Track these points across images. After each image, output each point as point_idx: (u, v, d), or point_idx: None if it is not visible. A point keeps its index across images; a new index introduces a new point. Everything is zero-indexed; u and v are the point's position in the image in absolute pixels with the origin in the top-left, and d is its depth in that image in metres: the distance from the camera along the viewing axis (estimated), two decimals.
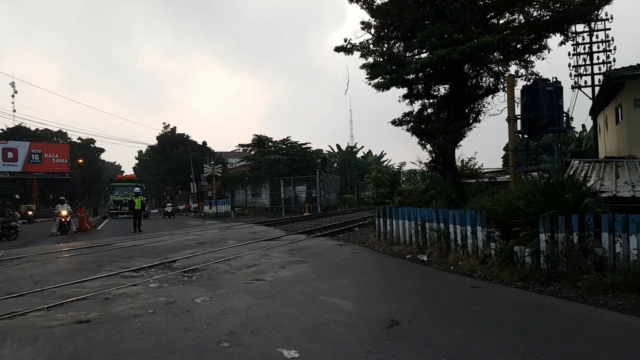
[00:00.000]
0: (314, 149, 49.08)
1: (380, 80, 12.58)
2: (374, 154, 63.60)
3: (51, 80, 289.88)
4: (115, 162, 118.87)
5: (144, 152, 75.02)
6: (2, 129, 53.17)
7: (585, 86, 20.39)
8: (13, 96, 51.95)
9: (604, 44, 20.01)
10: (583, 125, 38.69)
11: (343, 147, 63.15)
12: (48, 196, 47.80)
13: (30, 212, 32.97)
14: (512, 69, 13.25)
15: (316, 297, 6.92)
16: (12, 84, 52.74)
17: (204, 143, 59.85)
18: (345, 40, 13.40)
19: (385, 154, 61.98)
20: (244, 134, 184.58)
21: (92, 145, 71.44)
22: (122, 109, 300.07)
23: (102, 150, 78.29)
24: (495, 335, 5.00)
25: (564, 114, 14.77)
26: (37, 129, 56.54)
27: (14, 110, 71.34)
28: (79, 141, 67.63)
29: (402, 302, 6.75)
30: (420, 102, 13.83)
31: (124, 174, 77.36)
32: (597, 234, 7.34)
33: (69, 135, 64.26)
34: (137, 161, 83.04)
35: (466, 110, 13.20)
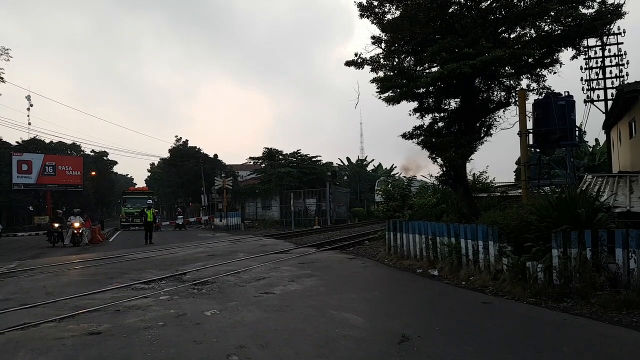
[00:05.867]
0: (324, 161, 49.31)
1: (390, 94, 12.65)
2: (384, 167, 63.50)
3: (61, 94, 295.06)
4: (127, 175, 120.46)
5: (156, 164, 75.68)
6: (17, 142, 54.08)
7: (598, 100, 20.30)
8: (29, 109, 52.85)
9: (617, 57, 19.96)
10: (596, 140, 38.44)
11: (353, 160, 63.30)
12: (61, 208, 48.25)
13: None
14: (524, 82, 13.26)
15: (326, 311, 6.89)
16: (28, 97, 53.67)
17: (215, 156, 60.27)
18: (356, 55, 13.55)
19: (395, 167, 61.77)
20: (254, 146, 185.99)
21: (104, 157, 72.26)
22: (132, 122, 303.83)
23: (115, 162, 79.26)
24: (508, 352, 4.93)
25: (577, 128, 14.68)
26: (51, 141, 57.59)
27: (29, 123, 72.66)
28: (92, 154, 68.55)
29: (412, 317, 6.69)
30: (430, 115, 13.87)
31: (136, 187, 78.25)
32: (610, 249, 7.24)
33: (82, 148, 65.22)
34: (149, 173, 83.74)
35: (477, 124, 13.19)
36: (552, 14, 11.73)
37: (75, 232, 21.37)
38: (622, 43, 19.74)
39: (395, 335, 5.56)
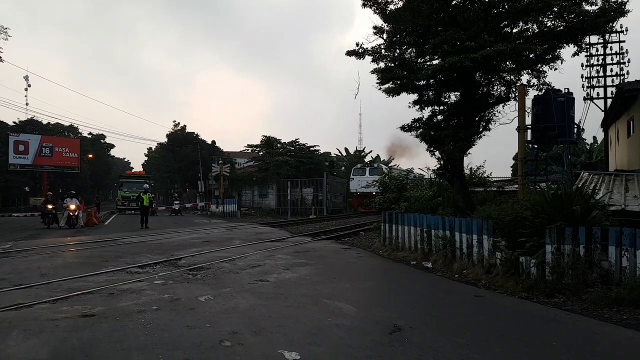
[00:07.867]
0: (322, 151, 49.24)
1: (390, 86, 12.59)
2: (382, 159, 63.42)
3: (58, 77, 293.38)
4: (124, 158, 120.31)
5: (153, 149, 75.48)
6: (14, 122, 53.77)
7: (598, 98, 20.29)
8: (26, 89, 52.52)
9: (618, 56, 19.92)
10: (594, 137, 38.47)
11: (351, 151, 63.18)
12: (57, 190, 48.18)
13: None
14: (524, 78, 13.19)
15: (319, 300, 6.93)
16: (26, 78, 53.22)
17: (213, 142, 60.08)
18: (357, 45, 13.42)
19: (393, 158, 61.74)
20: (251, 135, 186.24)
21: (102, 140, 71.99)
22: (129, 106, 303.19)
23: (112, 146, 79.01)
24: (498, 345, 4.98)
25: (575, 126, 14.67)
26: (48, 122, 57.10)
27: (27, 104, 72.20)
28: (90, 136, 68.25)
29: (405, 308, 6.74)
30: (430, 108, 13.81)
31: (133, 171, 78.05)
32: (604, 247, 7.29)
33: (80, 130, 64.78)
34: (146, 158, 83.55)
35: (476, 118, 13.16)
36: (556, 9, 11.67)
37: (71, 214, 21.35)
38: (624, 41, 19.69)
39: (387, 325, 5.61)
